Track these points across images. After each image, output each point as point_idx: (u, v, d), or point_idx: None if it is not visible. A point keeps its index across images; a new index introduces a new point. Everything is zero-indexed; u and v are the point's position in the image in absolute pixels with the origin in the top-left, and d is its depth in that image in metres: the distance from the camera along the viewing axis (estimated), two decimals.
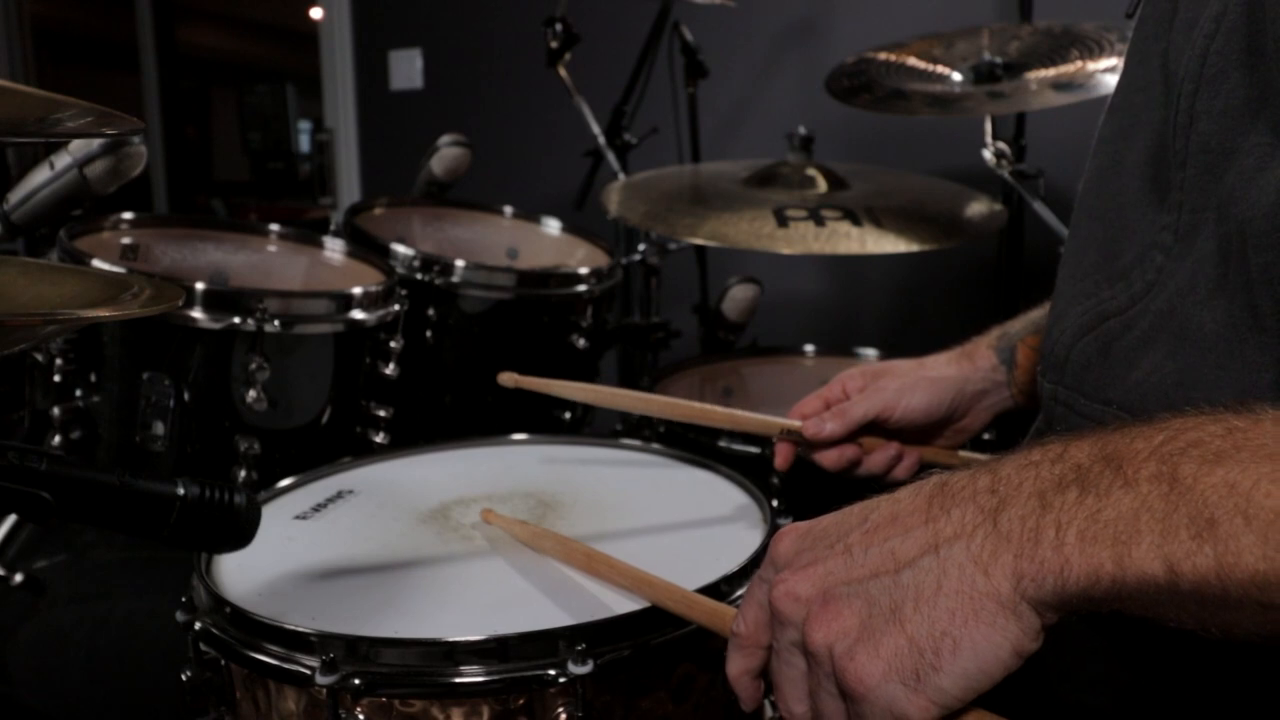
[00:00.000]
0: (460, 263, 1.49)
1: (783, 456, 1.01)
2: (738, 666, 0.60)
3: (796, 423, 0.98)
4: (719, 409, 0.99)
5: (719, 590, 0.75)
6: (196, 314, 1.16)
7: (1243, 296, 0.61)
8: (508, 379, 1.04)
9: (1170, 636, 0.66)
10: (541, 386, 1.02)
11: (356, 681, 0.67)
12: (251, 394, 1.17)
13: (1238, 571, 0.42)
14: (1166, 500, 0.45)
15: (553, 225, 1.88)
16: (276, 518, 0.94)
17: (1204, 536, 0.43)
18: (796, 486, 1.50)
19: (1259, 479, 0.43)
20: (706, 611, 0.67)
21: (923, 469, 1.00)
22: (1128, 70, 0.77)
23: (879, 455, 0.98)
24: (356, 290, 1.27)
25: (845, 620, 0.52)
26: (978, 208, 1.70)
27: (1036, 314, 1.01)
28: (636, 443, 1.16)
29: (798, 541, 0.57)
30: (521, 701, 0.68)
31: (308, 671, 0.68)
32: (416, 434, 1.34)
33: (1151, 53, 0.72)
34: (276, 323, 1.17)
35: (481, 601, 0.78)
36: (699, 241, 1.64)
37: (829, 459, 0.98)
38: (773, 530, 0.86)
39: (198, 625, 0.75)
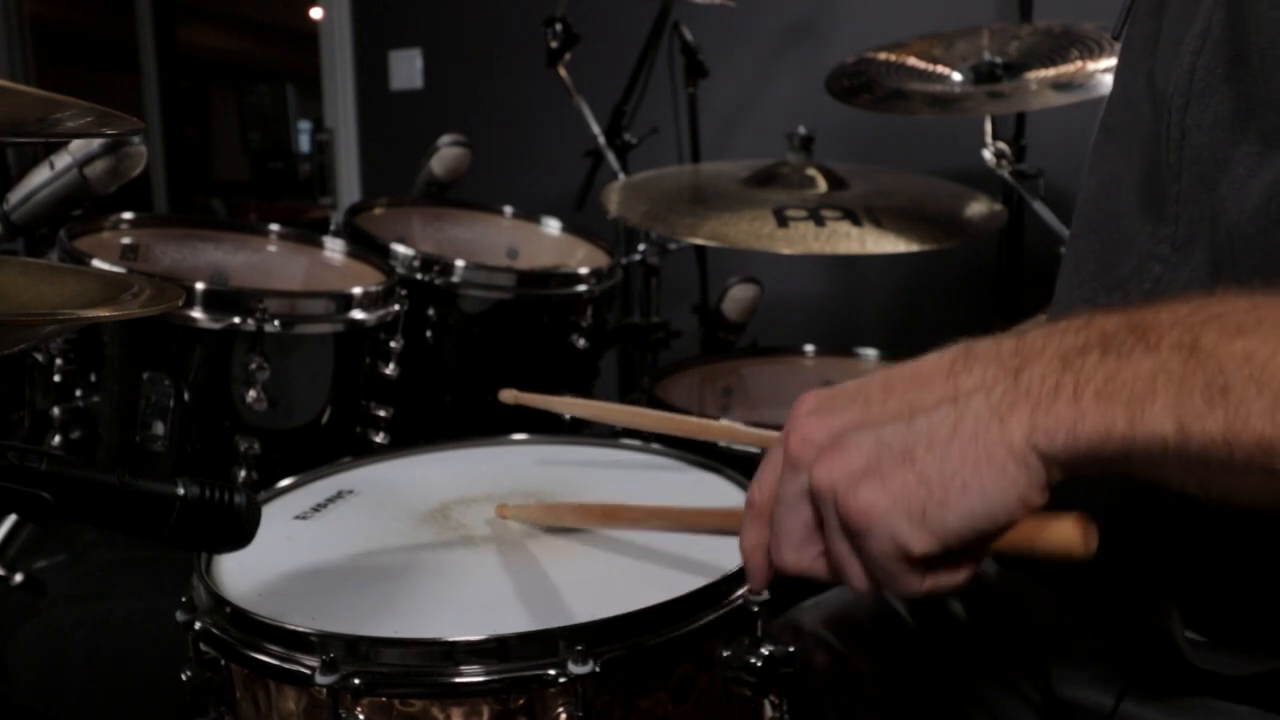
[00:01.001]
0: (460, 263, 1.49)
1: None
2: (751, 539, 0.61)
3: None
4: (715, 424, 0.98)
5: (719, 590, 0.75)
6: (196, 314, 1.16)
7: None
8: (509, 396, 1.05)
9: (1168, 633, 0.67)
10: (542, 403, 1.04)
11: (356, 681, 0.67)
12: (251, 394, 1.17)
13: (1245, 435, 0.44)
14: (1185, 365, 0.47)
15: (553, 225, 1.88)
16: (276, 518, 0.94)
17: (1216, 400, 0.45)
18: None
19: (1277, 350, 0.45)
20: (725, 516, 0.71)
21: None
22: (1118, 87, 0.78)
23: None
24: (356, 290, 1.27)
25: (852, 458, 0.52)
26: (978, 208, 1.70)
27: (1026, 327, 1.01)
28: (636, 443, 1.16)
29: (819, 400, 0.58)
30: (521, 701, 0.68)
31: (308, 671, 0.68)
32: (416, 434, 1.34)
33: (1139, 70, 0.73)
34: (276, 323, 1.17)
35: (481, 601, 0.78)
36: (699, 241, 1.64)
37: None
38: None
39: (198, 625, 0.75)
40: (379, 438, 1.34)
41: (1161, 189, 0.68)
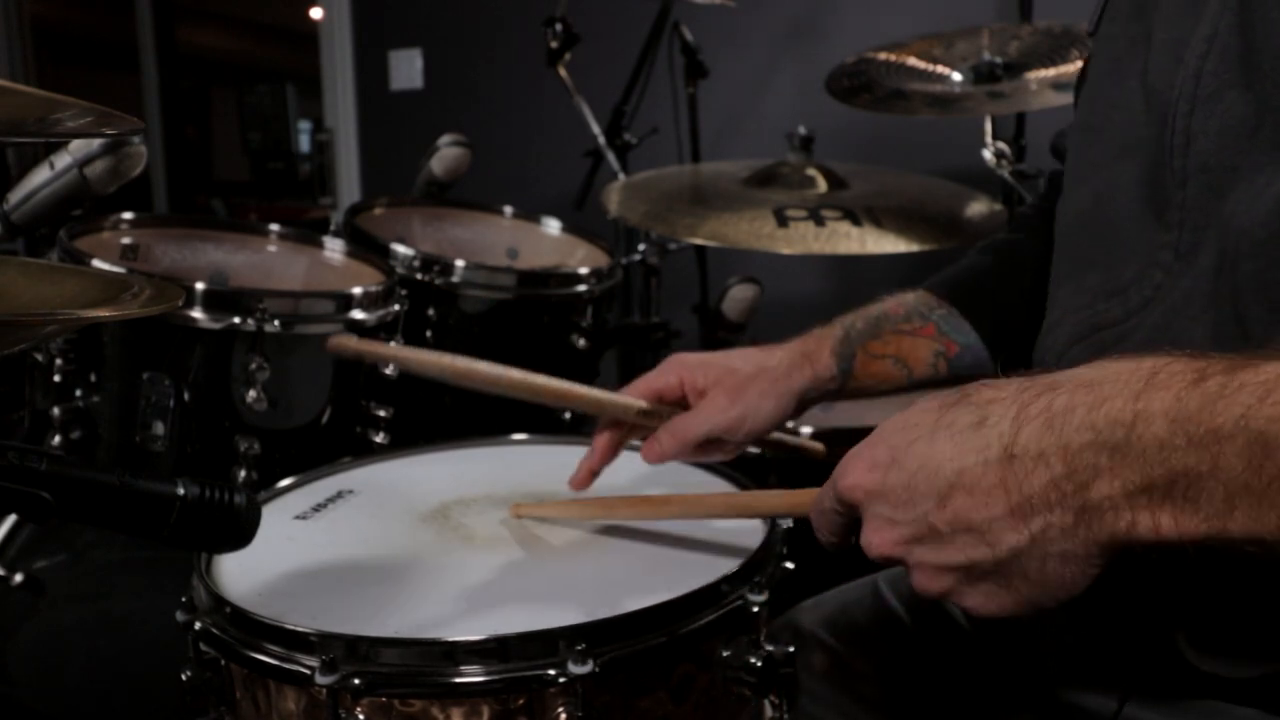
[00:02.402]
0: (460, 263, 1.49)
1: (588, 469, 0.95)
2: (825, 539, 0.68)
3: (647, 406, 0.93)
4: (565, 385, 0.94)
5: (719, 590, 0.75)
6: (196, 314, 1.16)
7: (1230, 308, 0.61)
8: (336, 344, 0.93)
9: (1171, 636, 0.67)
10: (370, 351, 1.00)
11: (356, 681, 0.67)
12: (251, 394, 1.17)
13: None
14: (1259, 477, 0.47)
15: (553, 225, 1.88)
16: (276, 518, 0.94)
17: None
18: (795, 486, 1.50)
19: None
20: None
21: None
22: (1099, 87, 0.77)
23: (726, 448, 0.95)
24: (356, 290, 1.27)
25: (948, 582, 0.58)
26: (978, 208, 1.70)
27: (875, 311, 0.98)
28: (636, 443, 1.16)
29: (870, 497, 0.61)
30: (521, 701, 0.68)
31: (308, 671, 0.68)
32: (416, 434, 1.34)
33: (1127, 71, 0.72)
34: (276, 323, 1.17)
35: (481, 601, 0.78)
36: (699, 241, 1.65)
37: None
38: (772, 529, 0.86)
39: (198, 625, 0.75)
40: (379, 438, 1.34)
41: (1164, 195, 0.67)
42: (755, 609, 0.74)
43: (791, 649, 0.74)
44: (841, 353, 0.95)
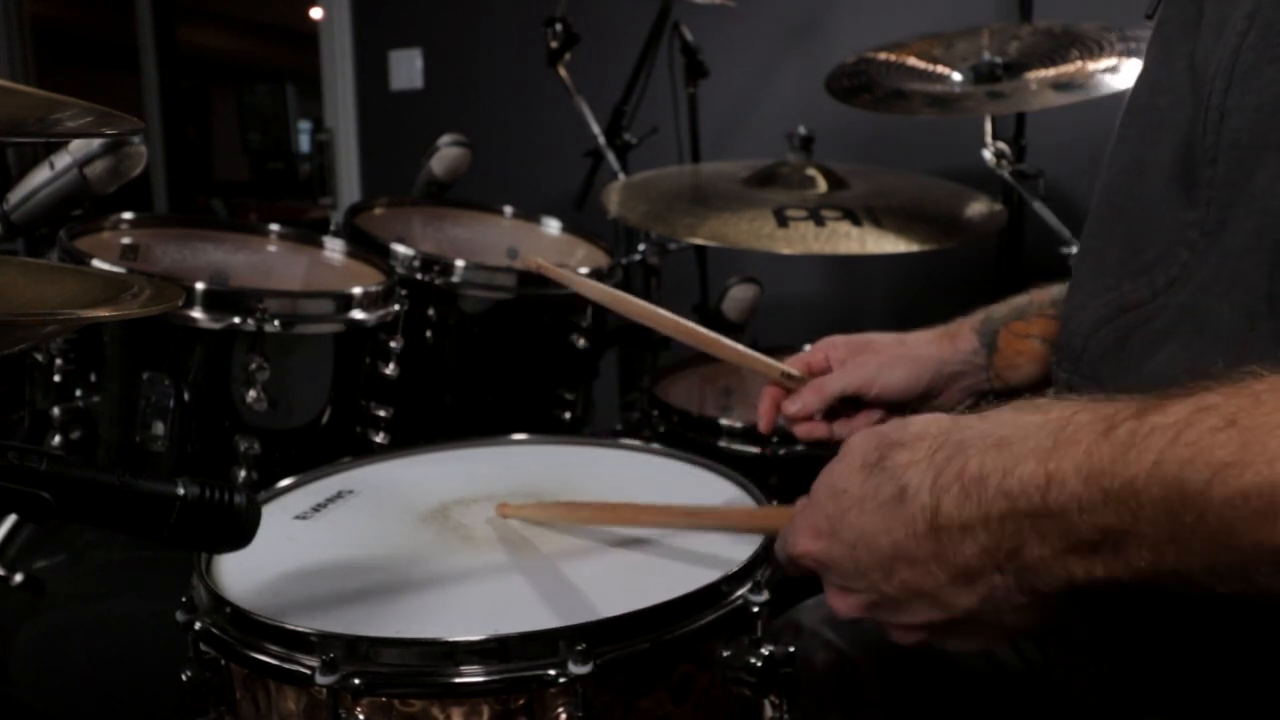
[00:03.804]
0: (460, 263, 1.49)
1: (767, 418, 1.04)
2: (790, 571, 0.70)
3: (794, 371, 1.02)
4: (726, 340, 1.02)
5: (719, 590, 0.75)
6: (196, 314, 1.16)
7: (1263, 285, 0.61)
8: (531, 263, 1.06)
9: (1171, 637, 0.67)
10: (561, 277, 1.06)
11: (356, 681, 0.67)
12: (251, 394, 1.17)
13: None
14: (1181, 524, 0.47)
15: (553, 225, 1.88)
16: (276, 518, 0.94)
17: (1226, 547, 0.46)
18: (795, 486, 1.49)
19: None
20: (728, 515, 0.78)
21: None
22: (1149, 71, 0.77)
23: (861, 419, 1.00)
24: (356, 290, 1.27)
25: (920, 637, 0.61)
26: (978, 208, 1.70)
27: (1021, 300, 1.03)
28: (636, 443, 1.16)
29: (822, 566, 0.64)
30: (521, 701, 0.68)
31: (308, 671, 0.68)
32: (416, 434, 1.34)
33: (1177, 54, 0.72)
34: (276, 323, 1.17)
35: (481, 601, 0.78)
36: (699, 241, 1.64)
37: (800, 430, 1.01)
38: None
39: (198, 625, 0.75)
40: (379, 438, 1.34)
41: (1194, 173, 0.67)
42: (755, 609, 0.74)
43: (792, 649, 0.74)
44: (983, 330, 1.01)
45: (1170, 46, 0.73)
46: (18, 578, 1.17)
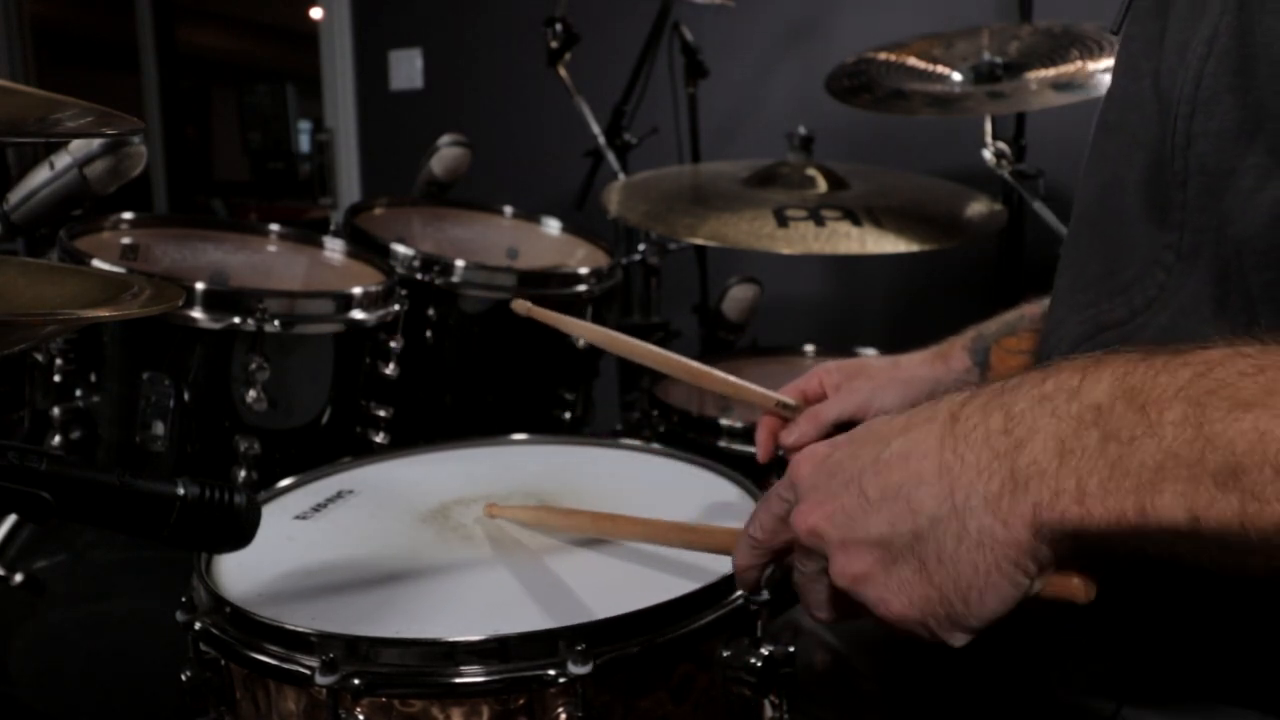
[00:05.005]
0: (460, 263, 1.49)
1: (765, 449, 1.04)
2: (746, 560, 0.65)
3: (790, 400, 1.02)
4: (719, 374, 1.02)
5: (719, 590, 0.75)
6: (196, 314, 1.16)
7: (1244, 315, 0.61)
8: (520, 307, 1.04)
9: (1171, 637, 0.67)
10: (552, 320, 1.04)
11: (356, 681, 0.67)
12: (251, 394, 1.17)
13: (1262, 519, 0.43)
14: (1192, 446, 0.45)
15: (553, 225, 1.88)
16: (276, 518, 0.94)
17: (1229, 485, 0.44)
18: None
19: None
20: (717, 537, 0.75)
21: None
22: (1119, 85, 0.77)
23: None
24: (356, 290, 1.27)
25: (868, 564, 0.55)
26: (978, 208, 1.70)
27: (1011, 316, 1.03)
28: (636, 443, 1.16)
29: (815, 471, 0.59)
30: (521, 701, 0.68)
31: (307, 671, 0.68)
32: (416, 434, 1.34)
33: (1142, 71, 0.72)
34: (276, 323, 1.17)
35: (481, 601, 0.78)
36: (699, 241, 1.64)
37: None
38: None
39: (198, 625, 0.75)
40: (379, 438, 1.34)
41: (1166, 195, 0.68)
42: (755, 609, 0.74)
43: (791, 649, 0.74)
44: (974, 349, 1.01)
45: (1136, 63, 0.73)
46: (18, 578, 1.17)
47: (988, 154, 1.67)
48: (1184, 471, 0.45)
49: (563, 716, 0.68)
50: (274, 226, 1.50)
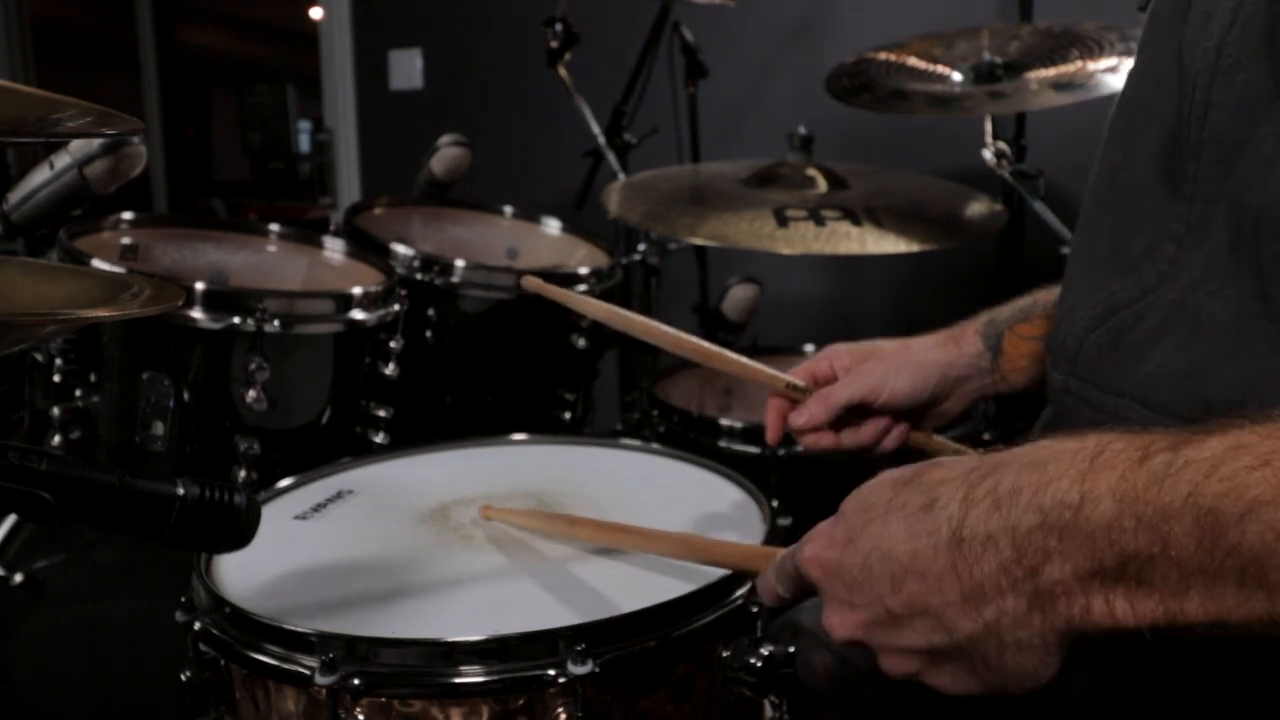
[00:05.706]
0: (460, 263, 1.49)
1: (774, 430, 1.03)
2: (769, 597, 0.67)
3: (800, 381, 1.01)
4: (730, 354, 1.01)
5: (719, 590, 0.75)
6: (196, 314, 1.16)
7: (1254, 285, 0.61)
8: (531, 284, 1.05)
9: (1170, 638, 0.66)
10: (562, 298, 1.04)
11: (356, 682, 0.67)
12: (251, 394, 1.17)
13: None
14: (1211, 556, 0.46)
15: (553, 225, 1.88)
16: (276, 518, 0.94)
17: (1254, 585, 0.45)
18: (796, 486, 1.50)
19: None
20: (715, 553, 0.75)
21: (910, 453, 1.02)
22: (1141, 62, 0.77)
23: (869, 428, 0.99)
24: (356, 290, 1.27)
25: (916, 665, 0.57)
26: (978, 208, 1.70)
27: (1024, 301, 1.02)
28: (636, 443, 1.16)
29: (830, 580, 0.61)
30: (521, 701, 0.68)
31: (307, 671, 0.68)
32: (416, 434, 1.34)
33: (1166, 45, 0.71)
34: (276, 323, 1.17)
35: (481, 601, 0.78)
36: (699, 241, 1.64)
37: (806, 440, 1.00)
38: (772, 529, 0.87)
39: (197, 625, 0.75)
40: (379, 438, 1.34)
41: (1180, 166, 0.67)
42: (755, 609, 0.74)
43: (791, 649, 0.74)
44: (987, 334, 1.00)
45: (1160, 37, 0.73)
46: (18, 578, 1.17)
47: (988, 154, 1.67)
48: (1207, 580, 0.46)
49: (562, 717, 0.68)
50: (274, 226, 1.50)
